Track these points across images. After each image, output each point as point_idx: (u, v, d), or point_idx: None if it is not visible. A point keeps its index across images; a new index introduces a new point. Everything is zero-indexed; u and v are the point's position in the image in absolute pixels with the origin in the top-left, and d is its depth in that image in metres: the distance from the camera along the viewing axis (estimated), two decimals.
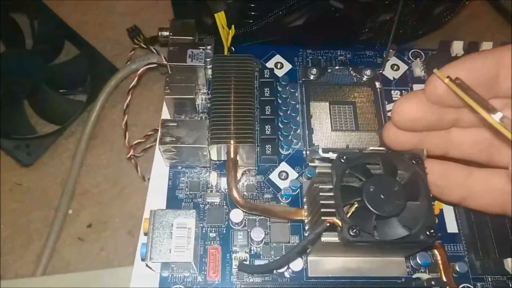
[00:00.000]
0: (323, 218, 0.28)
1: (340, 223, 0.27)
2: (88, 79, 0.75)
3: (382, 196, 0.27)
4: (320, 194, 0.29)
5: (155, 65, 0.50)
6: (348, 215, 0.27)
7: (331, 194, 0.29)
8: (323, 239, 0.28)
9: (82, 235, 0.64)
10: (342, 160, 0.29)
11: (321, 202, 0.29)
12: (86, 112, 0.73)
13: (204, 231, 0.36)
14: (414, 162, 0.29)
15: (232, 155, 0.36)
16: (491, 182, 0.29)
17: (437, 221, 0.37)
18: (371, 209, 0.27)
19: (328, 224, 0.27)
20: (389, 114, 0.42)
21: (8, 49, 0.74)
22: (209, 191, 0.38)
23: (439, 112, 0.28)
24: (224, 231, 0.36)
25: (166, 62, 0.41)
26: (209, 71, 0.42)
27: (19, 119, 0.69)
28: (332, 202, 0.28)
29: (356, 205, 0.28)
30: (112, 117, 0.74)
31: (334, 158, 0.29)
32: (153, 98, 0.74)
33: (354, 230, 0.26)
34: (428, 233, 0.27)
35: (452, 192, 0.30)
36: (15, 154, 0.68)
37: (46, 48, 0.74)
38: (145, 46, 0.71)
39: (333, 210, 0.28)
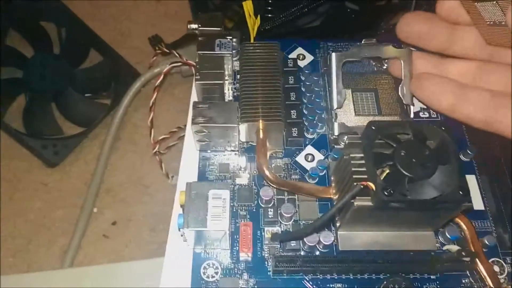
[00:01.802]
0: (355, 183, 0.29)
1: (373, 186, 0.28)
2: (112, 84, 0.78)
3: (413, 160, 0.28)
4: (352, 162, 0.30)
5: (179, 64, 0.52)
6: (381, 178, 0.28)
7: (362, 162, 0.30)
8: (356, 203, 0.29)
9: (107, 233, 0.65)
10: (373, 128, 0.30)
11: (353, 169, 0.30)
12: (110, 115, 0.75)
13: (234, 210, 0.37)
14: (443, 128, 0.30)
15: (261, 134, 0.37)
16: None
17: None
18: (403, 171, 0.28)
19: (362, 186, 0.28)
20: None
21: (37, 54, 0.77)
22: (238, 173, 0.39)
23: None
24: (254, 210, 0.37)
25: (189, 61, 0.43)
26: (235, 63, 0.44)
27: (46, 121, 0.71)
28: (364, 169, 0.29)
29: (387, 170, 0.29)
30: (134, 120, 0.76)
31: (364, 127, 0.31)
32: (174, 102, 0.77)
33: (388, 190, 0.27)
34: (460, 192, 0.27)
35: (442, 97, 0.34)
36: (43, 153, 0.70)
37: (73, 54, 0.77)
38: (167, 51, 0.74)
39: (365, 176, 0.29)
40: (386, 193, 0.27)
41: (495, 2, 0.27)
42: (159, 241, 0.34)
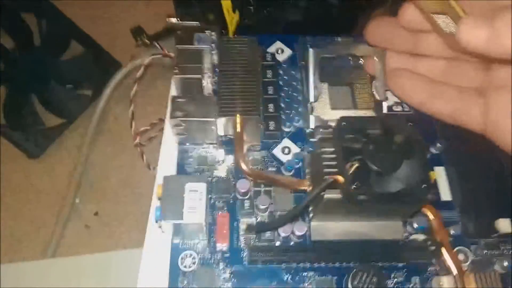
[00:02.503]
0: (325, 177, 0.30)
1: (342, 179, 0.29)
2: (93, 75, 0.78)
3: (380, 155, 0.30)
4: (323, 156, 0.32)
5: (160, 55, 0.53)
6: (349, 172, 0.30)
7: (333, 156, 0.31)
8: (326, 195, 0.30)
9: (89, 223, 0.66)
10: (344, 123, 0.31)
11: (324, 163, 0.31)
12: (92, 106, 0.75)
13: (212, 202, 0.38)
14: (411, 124, 0.31)
15: (238, 128, 0.38)
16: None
17: None
18: (371, 165, 0.29)
19: (331, 180, 0.29)
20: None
21: (17, 46, 0.76)
22: (216, 166, 0.40)
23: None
24: (231, 201, 0.38)
25: (170, 53, 0.43)
26: (215, 56, 0.44)
27: (27, 112, 0.71)
28: (335, 163, 0.31)
29: (356, 164, 0.30)
30: (116, 111, 0.76)
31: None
32: (157, 93, 0.77)
33: (356, 183, 0.28)
34: (423, 186, 0.29)
35: (413, 93, 0.37)
36: (24, 145, 0.70)
37: (53, 46, 0.76)
38: (148, 42, 0.74)
39: (336, 170, 0.30)
40: (353, 187, 0.28)
41: (447, 16, 0.28)
42: (141, 231, 0.35)
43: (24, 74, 0.71)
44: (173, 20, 0.45)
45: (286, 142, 0.42)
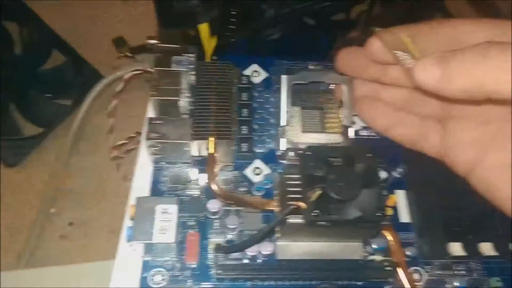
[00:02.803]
0: (289, 202, 0.32)
1: (304, 206, 0.31)
2: (74, 85, 0.78)
3: (341, 184, 0.32)
4: (287, 182, 0.34)
5: (140, 71, 0.54)
6: (311, 199, 0.32)
7: (298, 182, 0.33)
8: (289, 220, 0.32)
9: (65, 233, 0.66)
10: (308, 152, 0.33)
11: (288, 189, 0.33)
12: (72, 116, 0.76)
13: (183, 221, 0.40)
14: (370, 155, 0.34)
15: (211, 150, 0.40)
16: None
17: (392, 212, 0.42)
18: (331, 194, 0.31)
19: (293, 207, 0.31)
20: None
21: None
22: (189, 185, 0.42)
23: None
24: (202, 220, 0.40)
25: (151, 69, 0.45)
26: (192, 77, 0.46)
27: (6, 121, 0.71)
28: (299, 189, 0.33)
29: (319, 191, 0.32)
30: (96, 122, 0.77)
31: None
32: (138, 105, 0.77)
33: (316, 211, 0.31)
34: (377, 214, 0.31)
35: (378, 120, 0.40)
36: (1, 154, 0.70)
37: (34, 55, 0.77)
38: (130, 55, 0.75)
39: (299, 196, 0.32)
40: (314, 214, 0.30)
41: (407, 54, 0.31)
42: (117, 243, 0.36)
43: (3, 83, 0.71)
44: (153, 41, 0.47)
45: (258, 163, 0.44)
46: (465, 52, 0.26)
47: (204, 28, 0.44)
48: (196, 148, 0.41)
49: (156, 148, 0.40)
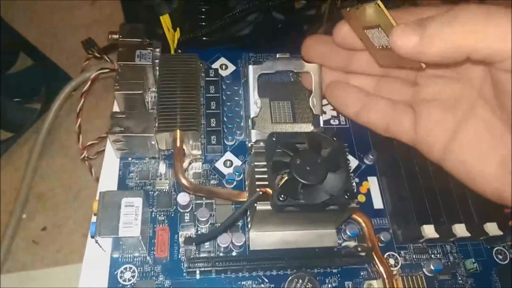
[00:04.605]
0: (257, 189, 0.32)
1: (271, 191, 0.31)
2: (42, 89, 0.76)
3: (307, 168, 0.31)
4: (256, 169, 0.33)
5: (107, 70, 0.53)
6: (278, 185, 0.31)
7: (265, 169, 0.32)
8: (257, 207, 0.32)
9: (37, 238, 0.64)
10: (274, 139, 0.33)
11: (256, 176, 0.33)
12: (41, 120, 0.74)
13: (153, 215, 0.39)
14: (335, 138, 0.33)
15: (178, 143, 0.39)
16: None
17: (365, 198, 0.42)
18: (297, 178, 0.31)
19: (261, 193, 0.31)
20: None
21: None
22: (158, 179, 0.41)
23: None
24: (173, 215, 0.39)
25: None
26: (157, 72, 0.45)
27: None
28: (266, 176, 0.32)
29: (286, 177, 0.32)
30: (66, 124, 0.75)
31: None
32: (108, 106, 0.76)
33: (282, 196, 0.30)
34: (346, 196, 0.31)
35: (349, 104, 0.40)
36: None
37: (1, 58, 0.74)
38: (98, 55, 0.73)
39: (267, 182, 0.32)
40: (280, 199, 0.30)
41: (380, 29, 0.30)
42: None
43: None
44: (115, 36, 0.46)
45: (228, 155, 0.43)
46: (439, 17, 0.27)
47: (165, 19, 0.43)
48: (163, 141, 0.40)
49: (121, 142, 0.39)
